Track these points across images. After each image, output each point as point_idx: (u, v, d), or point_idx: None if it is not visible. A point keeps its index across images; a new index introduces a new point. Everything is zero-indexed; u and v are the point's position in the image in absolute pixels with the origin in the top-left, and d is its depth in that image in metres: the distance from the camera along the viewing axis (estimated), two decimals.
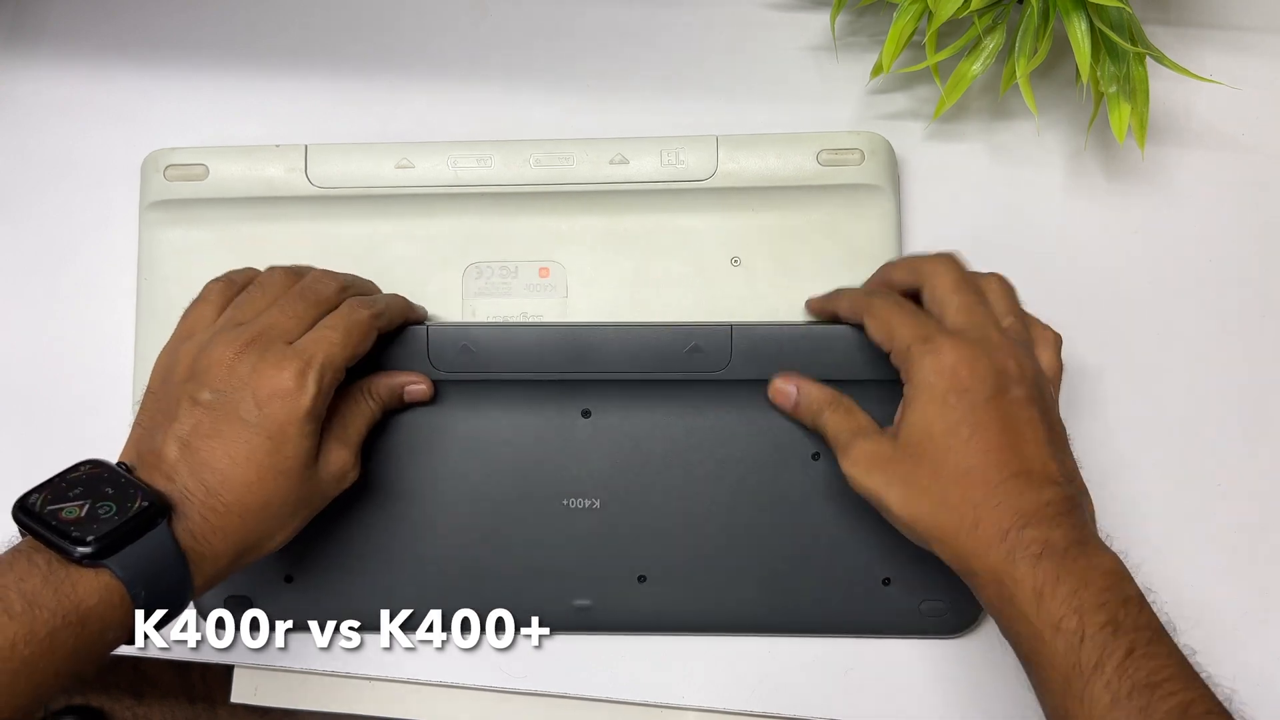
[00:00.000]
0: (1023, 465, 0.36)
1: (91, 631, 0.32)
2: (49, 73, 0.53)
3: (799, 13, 0.52)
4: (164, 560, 0.34)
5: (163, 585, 0.34)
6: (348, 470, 0.41)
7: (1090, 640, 0.32)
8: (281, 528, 0.38)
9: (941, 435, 0.37)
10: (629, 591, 0.45)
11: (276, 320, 0.39)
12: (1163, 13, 0.51)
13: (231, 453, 0.36)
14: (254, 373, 0.37)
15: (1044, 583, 0.34)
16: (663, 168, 0.47)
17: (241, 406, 0.37)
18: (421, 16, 0.53)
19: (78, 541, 0.32)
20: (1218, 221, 0.49)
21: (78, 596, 0.32)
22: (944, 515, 0.37)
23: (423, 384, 0.44)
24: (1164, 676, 0.32)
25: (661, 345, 0.44)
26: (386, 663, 0.48)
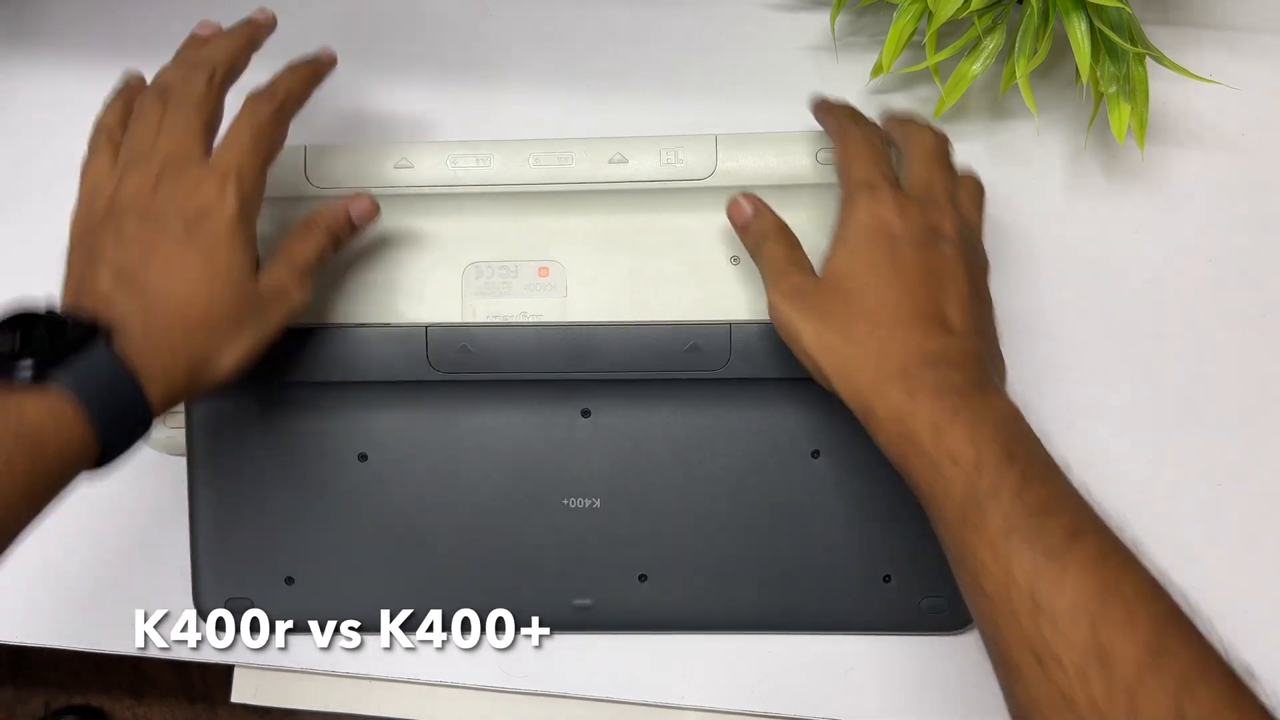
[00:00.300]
0: (936, 311, 0.37)
1: (49, 452, 0.32)
2: (49, 73, 0.53)
3: (799, 13, 0.52)
4: (111, 376, 0.34)
5: (116, 402, 0.34)
6: (288, 288, 0.40)
7: (986, 470, 0.32)
8: (229, 343, 0.38)
9: (862, 271, 0.38)
10: (630, 590, 0.45)
11: (175, 139, 0.38)
12: (1163, 13, 0.51)
13: (166, 270, 0.36)
14: (174, 195, 0.37)
15: (942, 416, 0.34)
16: (662, 167, 0.47)
17: (169, 227, 0.37)
18: (422, 16, 0.53)
19: (15, 367, 0.32)
20: (1218, 221, 0.49)
21: (26, 419, 0.32)
22: (849, 349, 0.37)
23: (364, 200, 0.43)
24: (1056, 503, 0.32)
25: (660, 344, 0.44)
26: (386, 663, 0.48)
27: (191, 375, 0.37)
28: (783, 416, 0.45)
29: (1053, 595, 0.30)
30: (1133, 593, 0.30)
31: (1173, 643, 0.29)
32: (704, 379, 0.45)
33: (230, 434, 0.45)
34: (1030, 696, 0.30)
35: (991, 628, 0.32)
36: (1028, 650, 0.30)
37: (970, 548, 0.32)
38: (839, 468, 0.45)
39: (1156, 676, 0.28)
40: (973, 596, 0.33)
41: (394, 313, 0.47)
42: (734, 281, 0.47)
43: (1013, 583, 0.31)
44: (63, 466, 0.33)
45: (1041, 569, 0.30)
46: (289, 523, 0.46)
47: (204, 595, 0.46)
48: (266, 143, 0.40)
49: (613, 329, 0.45)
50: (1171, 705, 0.27)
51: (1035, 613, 0.30)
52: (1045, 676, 0.29)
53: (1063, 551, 0.31)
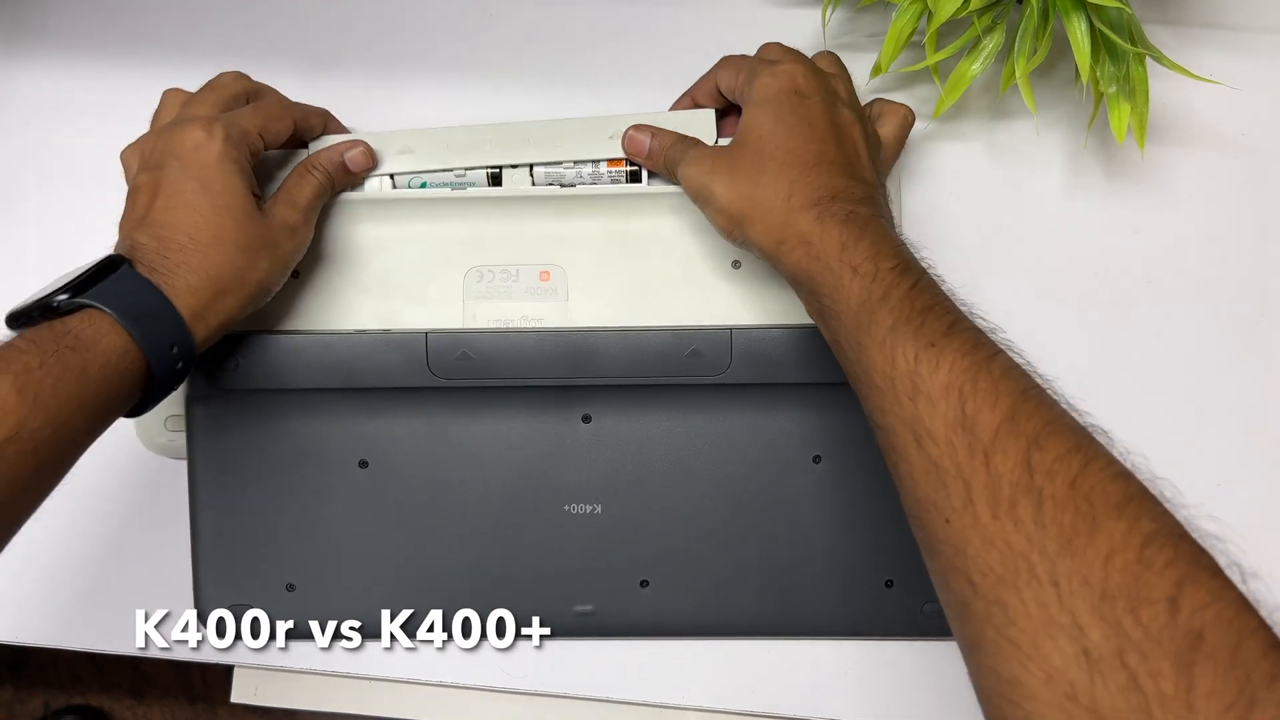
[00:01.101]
0: (841, 158, 0.40)
1: (97, 354, 0.36)
2: (49, 73, 0.53)
3: (798, 8, 0.52)
4: (135, 290, 0.38)
5: (147, 313, 0.37)
6: (297, 225, 0.43)
7: (882, 278, 0.36)
8: (247, 265, 0.40)
9: (770, 125, 0.40)
10: (631, 596, 0.45)
11: (185, 111, 0.43)
12: (1163, 13, 0.51)
13: (171, 204, 0.40)
14: (170, 142, 0.41)
15: (848, 237, 0.37)
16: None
17: (169, 168, 0.40)
18: (423, 18, 0.53)
19: (50, 297, 0.36)
20: (1217, 221, 0.49)
21: (68, 328, 0.36)
22: (760, 191, 0.39)
23: (359, 147, 0.46)
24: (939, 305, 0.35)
25: (661, 349, 0.44)
26: (386, 663, 0.48)
27: (218, 293, 0.40)
28: (784, 421, 0.45)
29: (930, 377, 0.33)
30: (1000, 371, 0.32)
31: (1029, 408, 0.31)
32: (705, 384, 0.44)
33: (231, 441, 0.45)
34: (909, 472, 0.33)
35: (881, 415, 0.35)
36: (908, 431, 0.33)
37: (864, 347, 0.35)
38: (840, 472, 0.45)
39: (1011, 437, 0.30)
40: (866, 392, 0.36)
41: (394, 318, 0.47)
42: (735, 286, 0.47)
43: (896, 370, 0.34)
44: (112, 373, 0.36)
45: (922, 356, 0.33)
46: (290, 530, 0.45)
47: (205, 602, 0.46)
48: (265, 116, 0.43)
49: (613, 334, 0.44)
50: (1022, 458, 0.30)
51: (914, 395, 0.33)
52: (921, 451, 0.32)
53: (940, 339, 0.33)
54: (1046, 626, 0.27)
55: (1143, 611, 0.26)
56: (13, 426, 0.33)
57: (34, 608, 0.49)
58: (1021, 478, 0.30)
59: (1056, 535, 0.28)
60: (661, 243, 0.47)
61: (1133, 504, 0.29)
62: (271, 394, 0.45)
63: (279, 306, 0.47)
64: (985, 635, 0.29)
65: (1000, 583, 0.29)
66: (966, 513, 0.30)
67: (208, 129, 0.41)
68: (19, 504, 0.35)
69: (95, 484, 0.49)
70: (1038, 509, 0.29)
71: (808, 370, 0.44)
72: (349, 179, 0.46)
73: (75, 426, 0.35)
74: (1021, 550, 0.29)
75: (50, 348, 0.35)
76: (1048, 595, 0.28)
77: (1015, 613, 0.28)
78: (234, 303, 0.40)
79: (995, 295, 0.48)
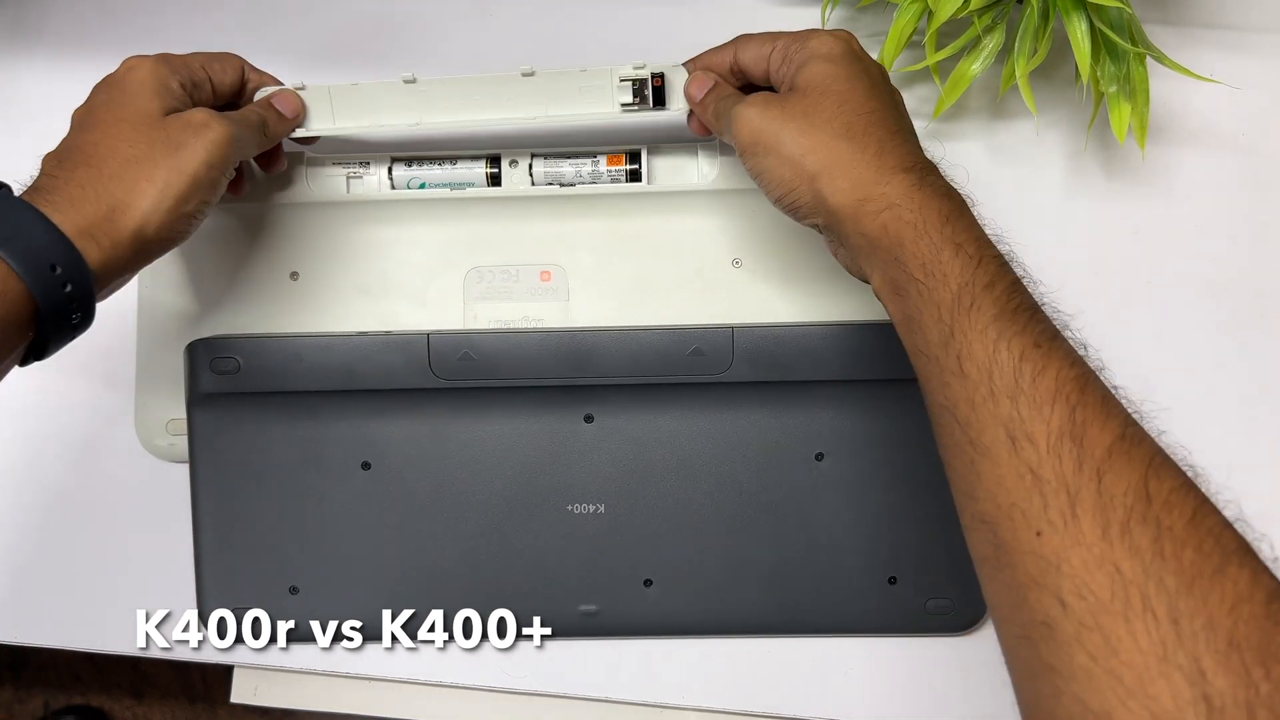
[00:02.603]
0: (911, 131, 0.39)
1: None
2: (49, 73, 0.53)
3: (798, 8, 0.52)
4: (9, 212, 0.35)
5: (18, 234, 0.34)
6: (205, 122, 0.39)
7: (987, 264, 0.34)
8: (143, 175, 0.37)
9: (846, 80, 0.38)
10: (635, 596, 0.45)
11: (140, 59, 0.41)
12: (1163, 13, 0.51)
13: (82, 125, 0.39)
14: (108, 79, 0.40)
15: (951, 211, 0.35)
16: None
17: (96, 95, 0.40)
18: (423, 20, 0.53)
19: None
20: (1217, 221, 0.49)
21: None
22: (845, 144, 0.37)
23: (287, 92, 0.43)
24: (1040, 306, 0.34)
25: (663, 348, 0.44)
26: (387, 663, 0.48)
27: (112, 211, 0.36)
28: (786, 419, 0.45)
29: (1036, 379, 0.31)
30: (1105, 389, 0.31)
31: (1139, 432, 0.30)
32: (707, 383, 0.44)
33: (232, 444, 0.45)
34: (995, 474, 0.31)
35: (967, 408, 0.32)
36: (1002, 429, 0.31)
37: (961, 331, 0.33)
38: (843, 470, 0.45)
39: (1126, 459, 0.29)
40: (949, 379, 0.33)
41: (395, 319, 0.47)
42: (736, 285, 0.47)
43: (997, 365, 0.32)
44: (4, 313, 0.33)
45: (1029, 354, 0.31)
46: (292, 532, 0.45)
47: (208, 605, 0.46)
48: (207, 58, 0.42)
49: (615, 334, 0.44)
50: (1139, 483, 0.28)
51: (1015, 394, 0.31)
52: (1016, 455, 0.30)
53: (1048, 343, 0.32)
54: (1160, 664, 0.25)
55: (1274, 667, 0.25)
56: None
57: (34, 608, 0.49)
58: (1139, 503, 0.28)
59: (1177, 571, 0.26)
60: (662, 242, 0.47)
61: (1250, 555, 0.27)
62: (273, 396, 0.45)
63: (279, 308, 0.47)
64: (1075, 661, 0.27)
65: (1103, 609, 0.27)
66: (1068, 529, 0.28)
67: (139, 59, 0.40)
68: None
69: (95, 485, 0.49)
70: (1156, 539, 0.27)
71: (810, 368, 0.44)
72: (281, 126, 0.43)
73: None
74: (1134, 579, 0.27)
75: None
76: (1165, 632, 0.26)
77: (1120, 644, 0.26)
78: (132, 221, 0.37)
79: None
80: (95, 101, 0.40)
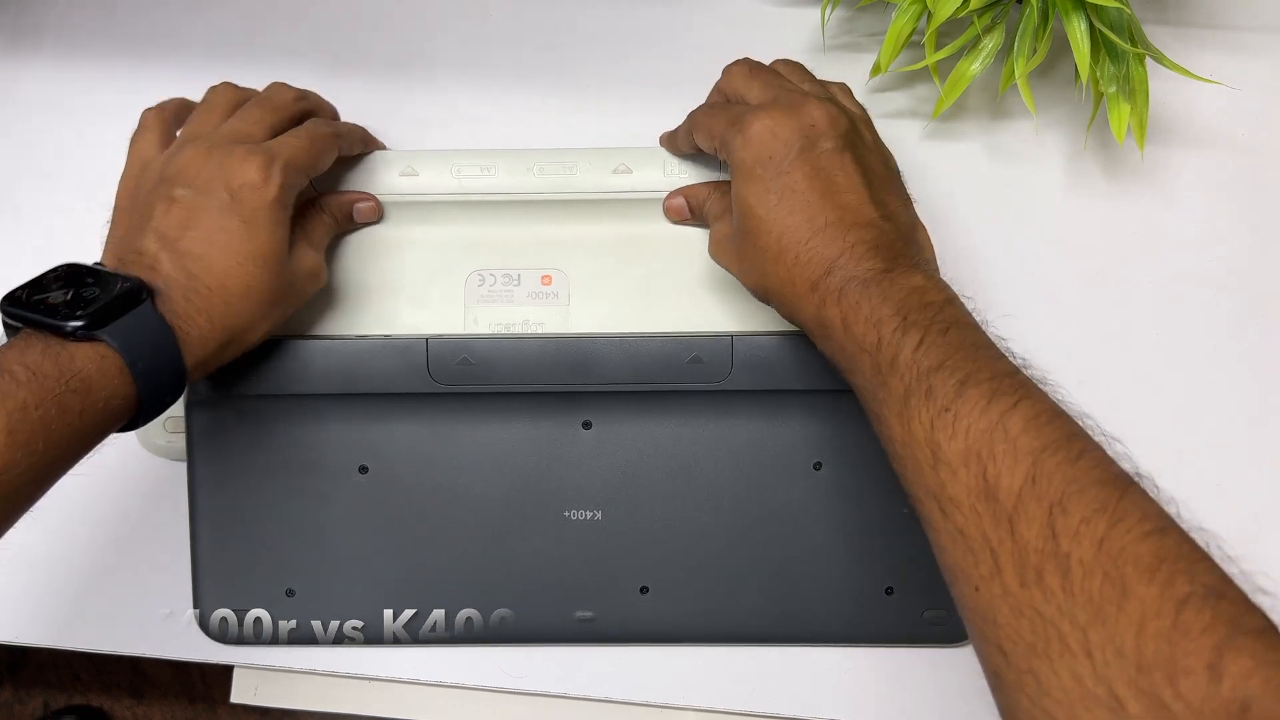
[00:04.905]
0: (835, 215, 0.37)
1: (97, 399, 0.34)
2: (49, 73, 0.53)
3: (798, 8, 0.52)
4: (153, 333, 0.35)
5: (156, 358, 0.35)
6: (317, 270, 0.43)
7: (885, 346, 0.34)
8: (263, 317, 0.39)
9: (757, 207, 0.38)
10: (631, 603, 0.45)
11: (238, 127, 0.41)
12: (1163, 13, 0.51)
13: (210, 240, 0.38)
14: (223, 168, 0.39)
15: (848, 312, 0.35)
16: (665, 178, 0.46)
17: (215, 197, 0.38)
18: (423, 20, 0.53)
19: (68, 318, 0.34)
20: (1218, 221, 0.49)
21: (76, 365, 0.33)
22: (769, 280, 0.38)
23: (370, 201, 0.46)
24: (950, 359, 0.33)
25: (662, 355, 0.44)
26: (387, 663, 0.48)
27: (225, 345, 0.38)
28: (785, 428, 0.45)
29: (947, 445, 0.31)
30: (1020, 427, 0.31)
31: (1050, 466, 0.30)
32: (706, 391, 0.44)
33: (231, 446, 0.45)
34: (937, 540, 0.32)
35: (906, 484, 0.34)
36: (933, 500, 0.32)
37: (882, 419, 0.34)
38: (841, 479, 0.45)
39: (1034, 501, 0.29)
40: (892, 462, 0.34)
41: (395, 322, 0.46)
42: (736, 293, 0.46)
43: (914, 440, 0.32)
44: (105, 416, 0.35)
45: (937, 423, 0.32)
46: (289, 535, 0.45)
47: (205, 607, 0.46)
48: (318, 150, 0.42)
49: (614, 340, 0.44)
50: (1046, 523, 0.29)
51: (935, 464, 0.32)
52: (947, 520, 0.31)
53: (954, 402, 0.32)
54: (1083, 699, 0.26)
55: (1182, 682, 0.25)
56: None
57: (34, 608, 0.49)
58: (1047, 544, 0.28)
59: (1086, 603, 0.27)
60: (663, 248, 0.47)
61: (1165, 565, 0.27)
62: (271, 399, 0.45)
63: None
64: (1020, 706, 0.28)
65: (1032, 652, 0.28)
66: (994, 581, 0.29)
67: (265, 171, 0.39)
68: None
69: (95, 484, 0.49)
70: (1065, 576, 0.28)
71: (809, 377, 0.44)
72: (349, 228, 0.47)
73: (56, 466, 0.34)
74: (1052, 619, 0.27)
75: (52, 388, 0.33)
76: (1081, 666, 0.26)
77: (1049, 684, 0.27)
78: (237, 351, 0.40)
79: (996, 295, 0.49)
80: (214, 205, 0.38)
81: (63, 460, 0.34)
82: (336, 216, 0.45)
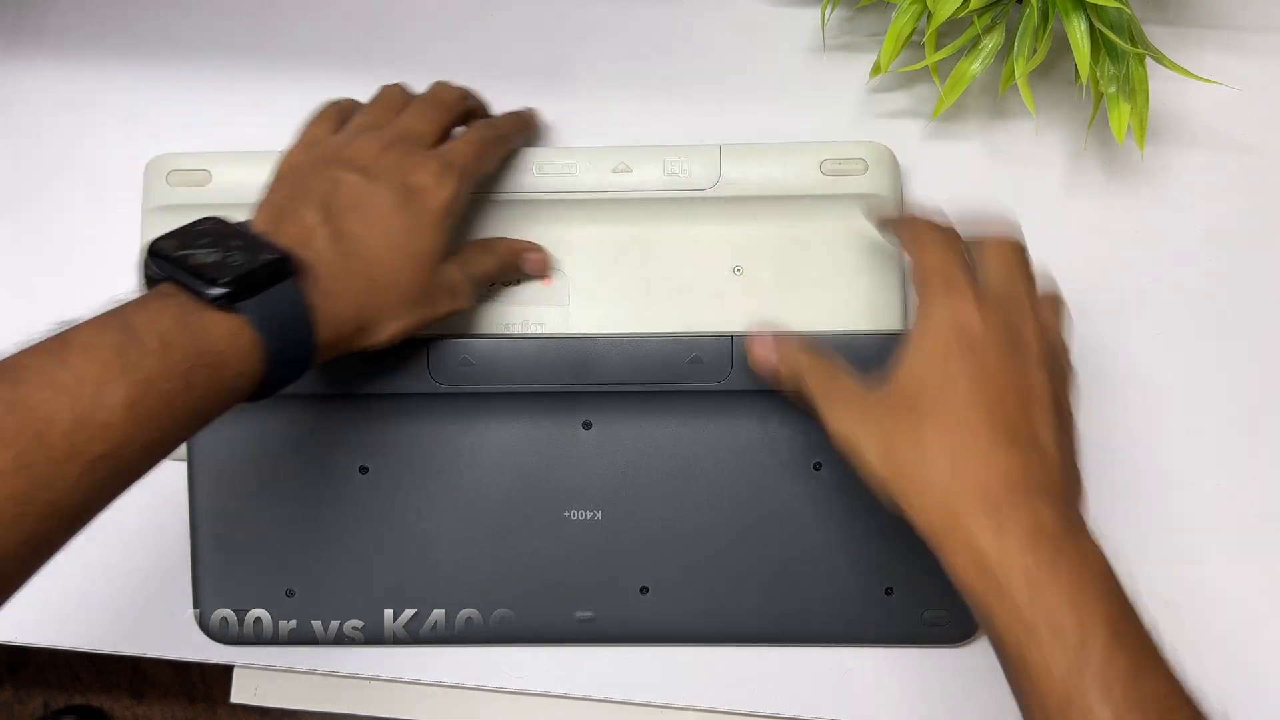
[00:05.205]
0: (1021, 433, 0.33)
1: (224, 376, 0.32)
2: (50, 74, 0.53)
3: (799, 9, 0.52)
4: (292, 313, 0.34)
5: (290, 339, 0.34)
6: (461, 289, 0.41)
7: (1093, 652, 0.30)
8: (396, 316, 0.38)
9: (937, 384, 0.34)
10: (631, 603, 0.45)
11: (412, 125, 0.42)
12: (1163, 13, 0.51)
13: (372, 227, 0.37)
14: (399, 165, 0.39)
15: (1038, 569, 0.30)
16: (665, 177, 0.46)
17: (388, 189, 0.38)
18: (423, 20, 0.53)
19: (212, 282, 0.32)
20: (1218, 221, 0.49)
21: (210, 339, 0.32)
22: (923, 470, 0.33)
23: (540, 255, 0.46)
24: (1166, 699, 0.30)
25: (662, 356, 0.44)
26: (387, 663, 0.48)
27: (356, 333, 0.37)
28: (784, 429, 0.45)
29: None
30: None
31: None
32: (706, 391, 0.44)
33: (230, 447, 0.45)
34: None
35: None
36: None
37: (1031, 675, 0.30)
38: (841, 480, 0.45)
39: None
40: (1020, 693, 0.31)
41: None
42: (737, 293, 0.46)
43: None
44: (229, 394, 0.33)
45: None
46: (289, 535, 0.45)
47: (205, 607, 0.46)
48: (487, 158, 0.43)
49: (614, 341, 0.44)
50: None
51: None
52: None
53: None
54: None
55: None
56: (114, 443, 0.29)
57: (34, 608, 0.49)
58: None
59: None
60: (663, 248, 0.47)
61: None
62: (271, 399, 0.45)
63: None
64: None
65: None
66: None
67: (440, 177, 0.39)
68: (93, 513, 0.32)
69: None
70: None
71: None
72: (514, 276, 0.46)
73: (172, 442, 0.32)
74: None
75: (182, 362, 0.31)
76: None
77: None
78: (364, 343, 0.38)
79: None
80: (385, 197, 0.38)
81: (179, 437, 0.32)
82: (502, 257, 0.45)
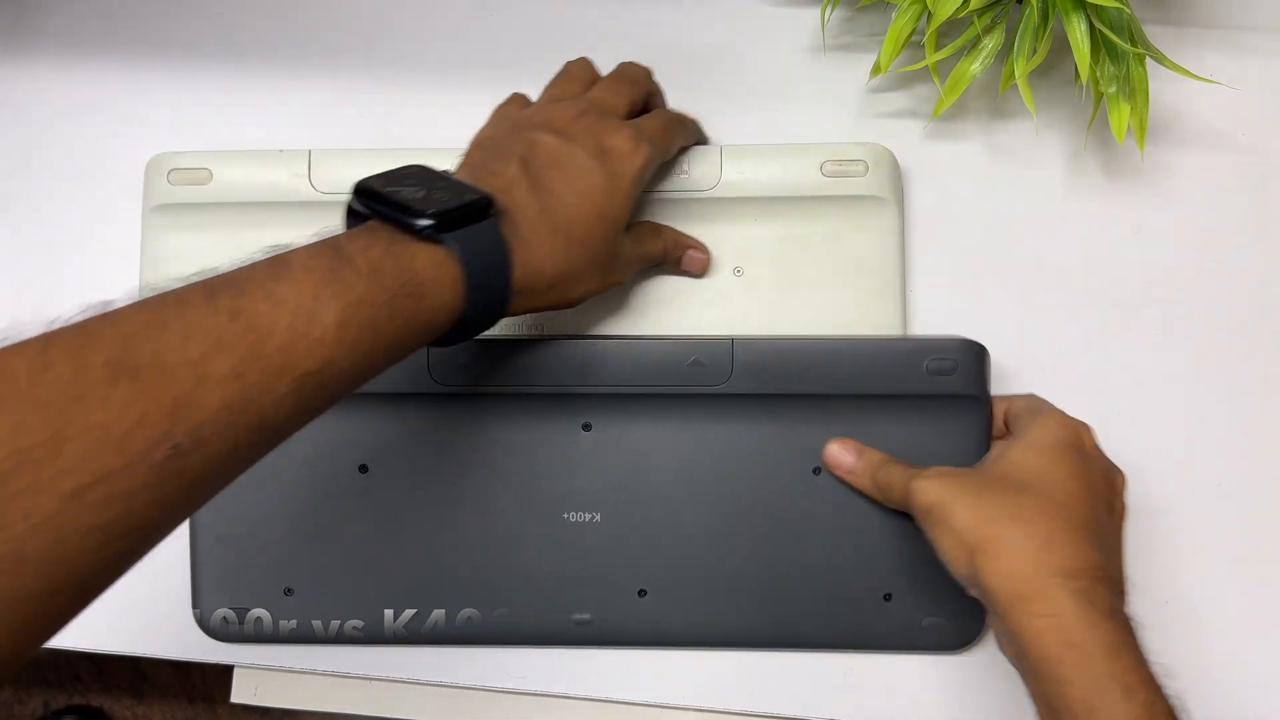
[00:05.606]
0: (1107, 535, 0.37)
1: (426, 308, 0.33)
2: (50, 74, 0.53)
3: (799, 9, 0.52)
4: (492, 251, 0.34)
5: (489, 277, 0.34)
6: (630, 264, 0.43)
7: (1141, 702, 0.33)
8: (589, 275, 0.39)
9: (1046, 476, 0.38)
10: (629, 606, 0.45)
11: (604, 97, 0.42)
12: (1163, 13, 0.51)
13: (571, 185, 0.38)
14: (595, 129, 0.40)
15: (1118, 640, 0.33)
16: (666, 177, 0.46)
17: (585, 150, 0.39)
18: (424, 19, 0.53)
19: (418, 215, 0.33)
20: (1218, 221, 0.49)
21: (415, 268, 0.32)
22: (1015, 527, 0.36)
23: (704, 256, 0.46)
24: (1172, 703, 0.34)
25: (662, 358, 0.44)
26: (387, 663, 0.48)
27: (549, 287, 0.38)
28: (784, 432, 0.45)
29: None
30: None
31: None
32: (706, 394, 0.44)
33: None
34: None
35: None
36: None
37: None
38: (840, 484, 0.45)
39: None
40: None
41: None
42: (737, 295, 0.46)
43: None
44: (427, 328, 0.33)
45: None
46: (289, 535, 0.45)
47: (205, 606, 0.46)
48: (672, 137, 0.44)
49: (615, 343, 0.44)
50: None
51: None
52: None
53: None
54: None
55: None
56: (322, 360, 0.30)
57: None
58: None
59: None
60: None
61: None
62: None
63: None
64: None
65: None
66: None
67: (634, 143, 0.40)
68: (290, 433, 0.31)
69: None
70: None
71: (809, 381, 0.44)
72: (674, 268, 0.46)
73: (371, 369, 0.32)
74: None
75: (389, 287, 0.31)
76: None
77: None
78: (556, 300, 0.39)
79: (996, 296, 0.49)
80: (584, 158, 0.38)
81: (377, 366, 0.32)
82: (669, 247, 0.45)
